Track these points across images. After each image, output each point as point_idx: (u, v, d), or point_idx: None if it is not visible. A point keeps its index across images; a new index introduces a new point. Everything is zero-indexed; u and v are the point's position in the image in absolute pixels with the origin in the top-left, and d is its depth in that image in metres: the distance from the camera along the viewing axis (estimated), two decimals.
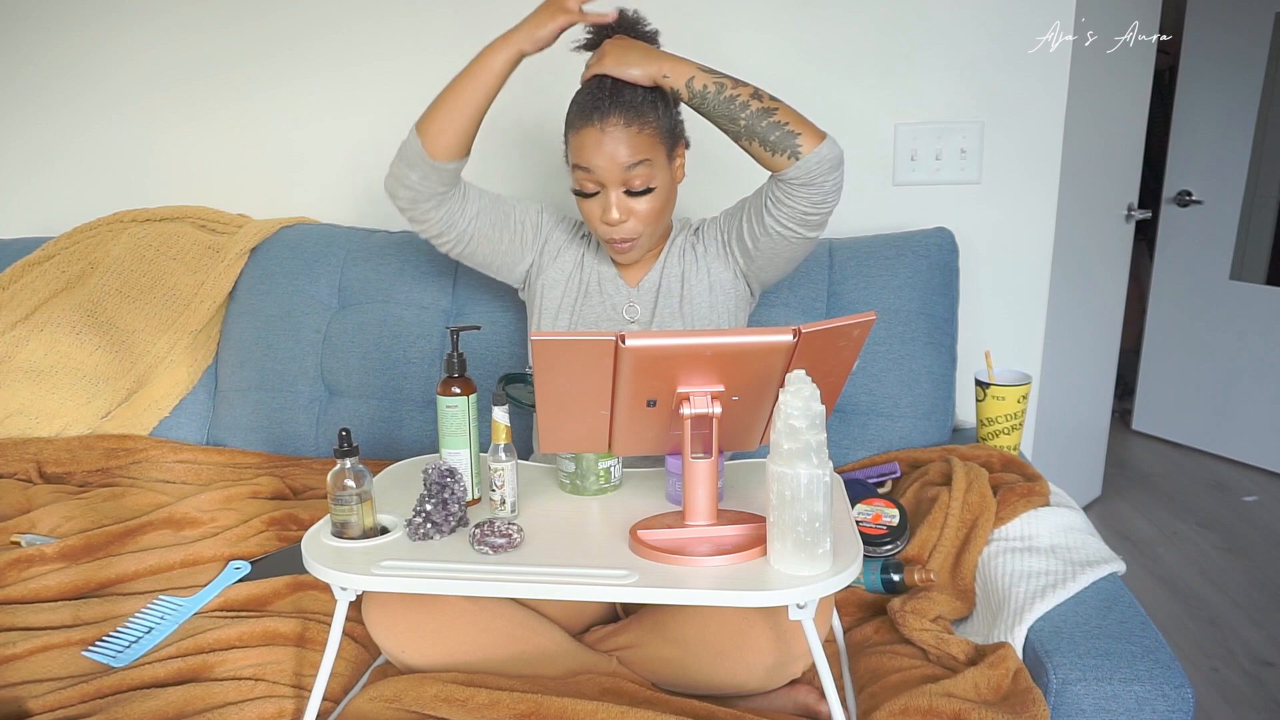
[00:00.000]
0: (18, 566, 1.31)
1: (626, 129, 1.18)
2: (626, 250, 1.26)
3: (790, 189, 1.18)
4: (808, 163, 1.15)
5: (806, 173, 1.16)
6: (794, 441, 0.84)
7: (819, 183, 1.17)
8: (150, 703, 0.99)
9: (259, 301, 1.82)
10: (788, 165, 1.16)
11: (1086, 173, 2.09)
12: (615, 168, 1.19)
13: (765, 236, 1.25)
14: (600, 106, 1.18)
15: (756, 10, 1.79)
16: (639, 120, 1.18)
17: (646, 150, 1.20)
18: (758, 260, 1.29)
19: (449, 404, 1.08)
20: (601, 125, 1.18)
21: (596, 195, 1.23)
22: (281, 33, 1.98)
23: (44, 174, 2.16)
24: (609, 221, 1.22)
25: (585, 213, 1.26)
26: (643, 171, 1.20)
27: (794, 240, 1.24)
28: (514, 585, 0.90)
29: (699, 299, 1.32)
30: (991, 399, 1.47)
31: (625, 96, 1.18)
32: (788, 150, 1.15)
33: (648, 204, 1.23)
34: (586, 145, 1.19)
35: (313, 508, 1.51)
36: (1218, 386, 3.04)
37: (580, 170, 1.22)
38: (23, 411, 1.76)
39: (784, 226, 1.22)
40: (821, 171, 1.16)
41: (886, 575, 1.21)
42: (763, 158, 1.18)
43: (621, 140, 1.18)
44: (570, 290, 1.36)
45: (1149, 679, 0.95)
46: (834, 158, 1.17)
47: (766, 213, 1.22)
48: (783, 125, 1.16)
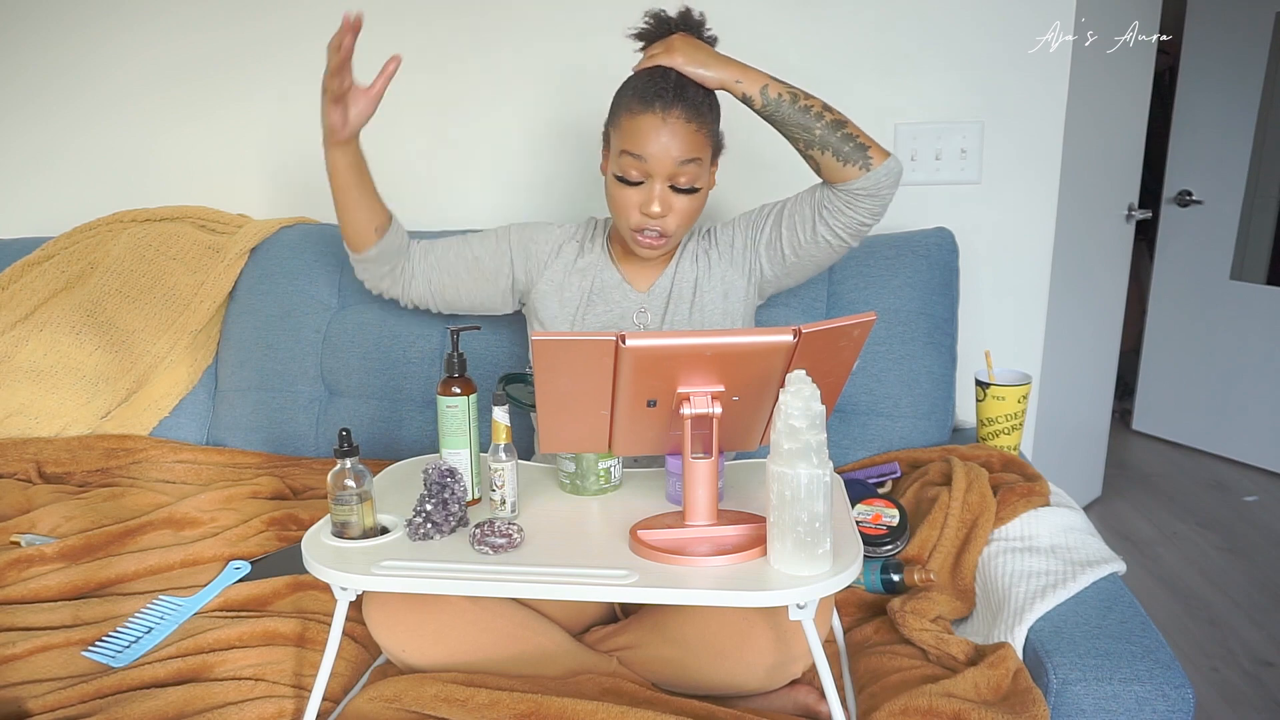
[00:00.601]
0: (18, 566, 1.31)
1: (687, 125, 1.19)
2: (657, 244, 1.26)
3: (854, 199, 1.22)
4: (877, 174, 1.20)
5: (875, 184, 1.21)
6: (794, 441, 0.84)
7: (883, 194, 1.23)
8: (150, 703, 0.99)
9: (259, 301, 1.82)
10: (857, 176, 1.21)
11: (1086, 173, 2.09)
12: (669, 160, 1.19)
13: (813, 245, 1.28)
14: (664, 96, 1.18)
15: (756, 10, 1.79)
16: (699, 119, 1.20)
17: (699, 150, 1.21)
18: (792, 269, 1.32)
19: (449, 404, 1.08)
20: (664, 115, 1.18)
21: (639, 185, 1.22)
22: (281, 33, 1.98)
23: (44, 174, 2.16)
24: (650, 213, 1.22)
25: (621, 200, 1.24)
26: (692, 170, 1.21)
27: (838, 249, 1.29)
28: (514, 585, 0.90)
29: (713, 305, 1.32)
30: (991, 399, 1.47)
31: (690, 93, 1.19)
32: (859, 162, 1.20)
33: (688, 204, 1.24)
34: (643, 131, 1.19)
35: (313, 508, 1.51)
36: (1218, 386, 3.04)
37: (629, 156, 1.20)
38: (23, 411, 1.76)
39: (837, 236, 1.26)
40: (888, 184, 1.22)
41: (886, 575, 1.21)
42: (831, 167, 1.21)
43: (680, 134, 1.19)
44: (570, 299, 1.35)
45: (1149, 679, 0.95)
46: (898, 171, 1.23)
47: (820, 221, 1.25)
48: (854, 138, 1.21)
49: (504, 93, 1.91)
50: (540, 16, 1.87)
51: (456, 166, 1.98)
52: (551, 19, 1.87)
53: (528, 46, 1.88)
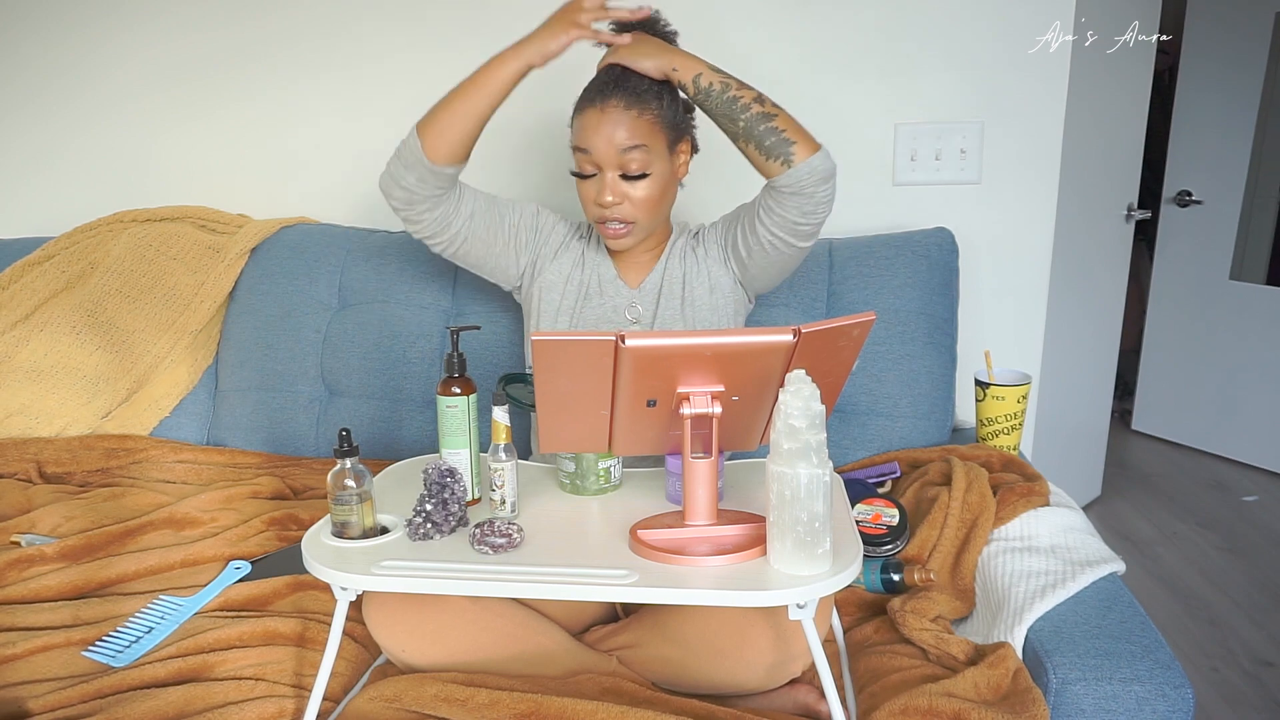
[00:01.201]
0: (18, 566, 1.31)
1: (626, 112, 1.20)
2: (620, 235, 1.27)
3: (781, 197, 1.20)
4: (798, 171, 1.17)
5: (797, 181, 1.17)
6: (794, 441, 0.84)
7: (809, 192, 1.18)
8: (150, 703, 0.99)
9: (259, 301, 1.82)
10: (780, 171, 1.18)
11: (1086, 173, 2.09)
12: (611, 149, 1.21)
13: (758, 246, 1.27)
14: (604, 89, 1.21)
15: (757, 10, 1.79)
16: (639, 105, 1.21)
17: (644, 136, 1.22)
18: (751, 270, 1.31)
19: (449, 404, 1.08)
20: (602, 107, 1.21)
21: (594, 177, 1.25)
22: (282, 33, 1.98)
23: (44, 174, 2.16)
24: (602, 203, 1.24)
25: (582, 195, 1.28)
26: (639, 156, 1.22)
27: (785, 251, 1.26)
28: (514, 585, 0.90)
29: (701, 301, 1.32)
30: (991, 399, 1.47)
31: (630, 84, 1.21)
32: (781, 156, 1.17)
33: (643, 190, 1.24)
34: (586, 126, 1.22)
35: (313, 508, 1.51)
36: (1218, 386, 3.04)
37: (579, 152, 1.24)
38: (23, 411, 1.76)
39: (774, 236, 1.24)
40: (812, 182, 1.17)
41: (886, 575, 1.21)
42: (757, 161, 1.20)
43: (620, 123, 1.20)
44: (570, 292, 1.36)
45: (1149, 679, 0.95)
46: (825, 170, 1.18)
47: (759, 221, 1.24)
48: (779, 131, 1.17)
49: None
50: (540, 17, 1.86)
51: None
52: (539, 14, 1.86)
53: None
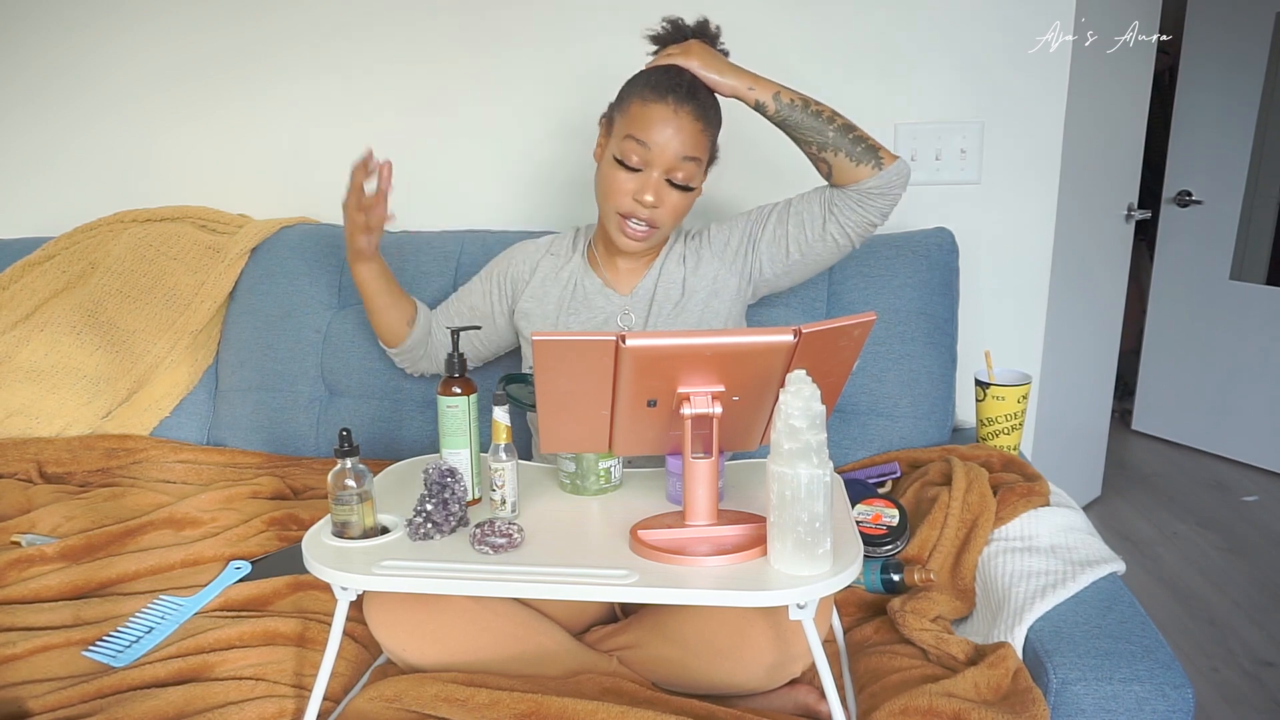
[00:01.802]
0: (18, 566, 1.31)
1: (695, 123, 1.22)
2: (641, 237, 1.28)
3: (866, 198, 1.25)
4: (888, 174, 1.24)
5: (887, 183, 1.24)
6: (794, 441, 0.84)
7: (893, 193, 1.26)
8: (150, 703, 0.99)
9: (259, 301, 1.82)
10: (870, 175, 1.24)
11: (1086, 173, 2.09)
12: (671, 152, 1.22)
13: (820, 243, 1.30)
14: (678, 91, 1.21)
15: (757, 10, 1.79)
16: (705, 120, 1.24)
17: (700, 150, 1.24)
18: (793, 268, 1.34)
19: (449, 404, 1.08)
20: (676, 108, 1.21)
21: (637, 172, 1.24)
22: (282, 33, 1.98)
23: (44, 174, 2.16)
24: (643, 201, 1.24)
25: (615, 184, 1.25)
26: (690, 168, 1.24)
27: (843, 249, 1.31)
28: (514, 585, 0.90)
29: (698, 304, 1.33)
30: (991, 399, 1.47)
31: (702, 96, 1.24)
32: (872, 162, 1.24)
33: (680, 201, 1.26)
34: (653, 120, 1.21)
35: (313, 508, 1.51)
36: (1218, 386, 3.05)
37: (634, 141, 1.22)
38: (23, 411, 1.76)
39: (845, 234, 1.29)
40: (898, 183, 1.26)
41: (886, 575, 1.21)
42: (843, 168, 1.24)
43: (687, 130, 1.22)
44: (549, 311, 1.38)
45: (1149, 679, 0.95)
46: (908, 172, 1.27)
47: (830, 219, 1.28)
48: (864, 141, 1.25)
49: (505, 92, 1.91)
50: (543, 17, 1.87)
51: (456, 165, 1.98)
52: (554, 20, 1.87)
53: (530, 46, 1.88)
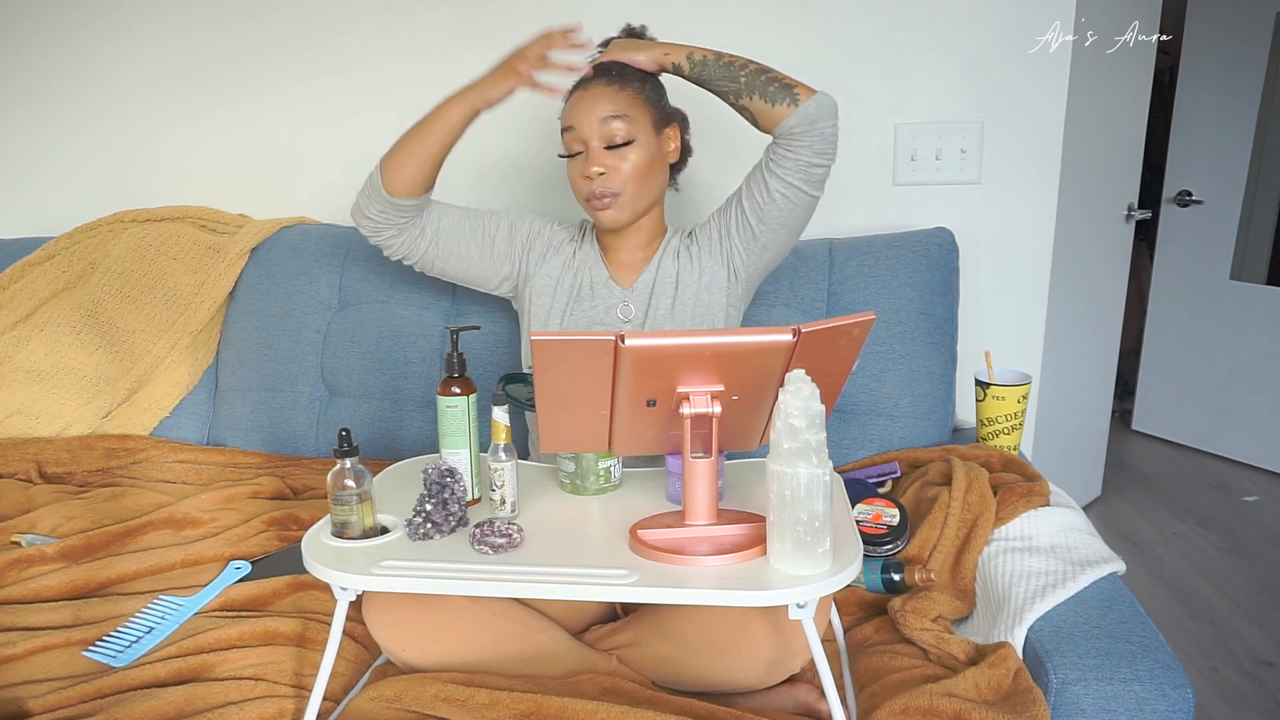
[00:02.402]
0: (18, 566, 1.31)
1: (608, 87, 1.27)
2: (606, 207, 1.29)
3: (793, 140, 1.24)
4: (807, 108, 1.22)
5: (807, 118, 1.22)
6: (794, 441, 0.84)
7: (819, 129, 1.23)
8: (150, 703, 0.99)
9: (259, 301, 1.82)
10: (788, 114, 1.23)
11: (1086, 173, 2.09)
12: (593, 120, 1.26)
13: (770, 203, 1.28)
14: (590, 78, 1.29)
15: (757, 10, 1.79)
16: (620, 81, 1.28)
17: (625, 107, 1.27)
18: (762, 238, 1.32)
19: (449, 404, 1.08)
20: (586, 87, 1.28)
21: (579, 155, 1.29)
22: (282, 33, 1.98)
23: (44, 174, 2.16)
24: (588, 175, 1.28)
25: (571, 175, 1.32)
26: (621, 127, 1.27)
27: (797, 203, 1.28)
28: (514, 585, 0.90)
29: (688, 297, 1.34)
30: (991, 399, 1.47)
31: (613, 70, 1.29)
32: (786, 99, 1.23)
33: (629, 161, 1.28)
34: (571, 106, 1.29)
35: (313, 508, 1.51)
36: (1218, 386, 3.04)
37: (566, 131, 1.29)
38: (23, 411, 1.76)
39: (789, 184, 1.26)
40: (821, 116, 1.22)
41: (887, 575, 1.21)
42: (762, 111, 1.25)
43: (602, 96, 1.27)
44: (560, 295, 1.37)
45: (1149, 679, 0.95)
46: (830, 104, 1.23)
47: (771, 175, 1.27)
48: (779, 80, 1.24)
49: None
50: (541, 17, 1.87)
51: (456, 164, 1.96)
52: (552, 20, 1.87)
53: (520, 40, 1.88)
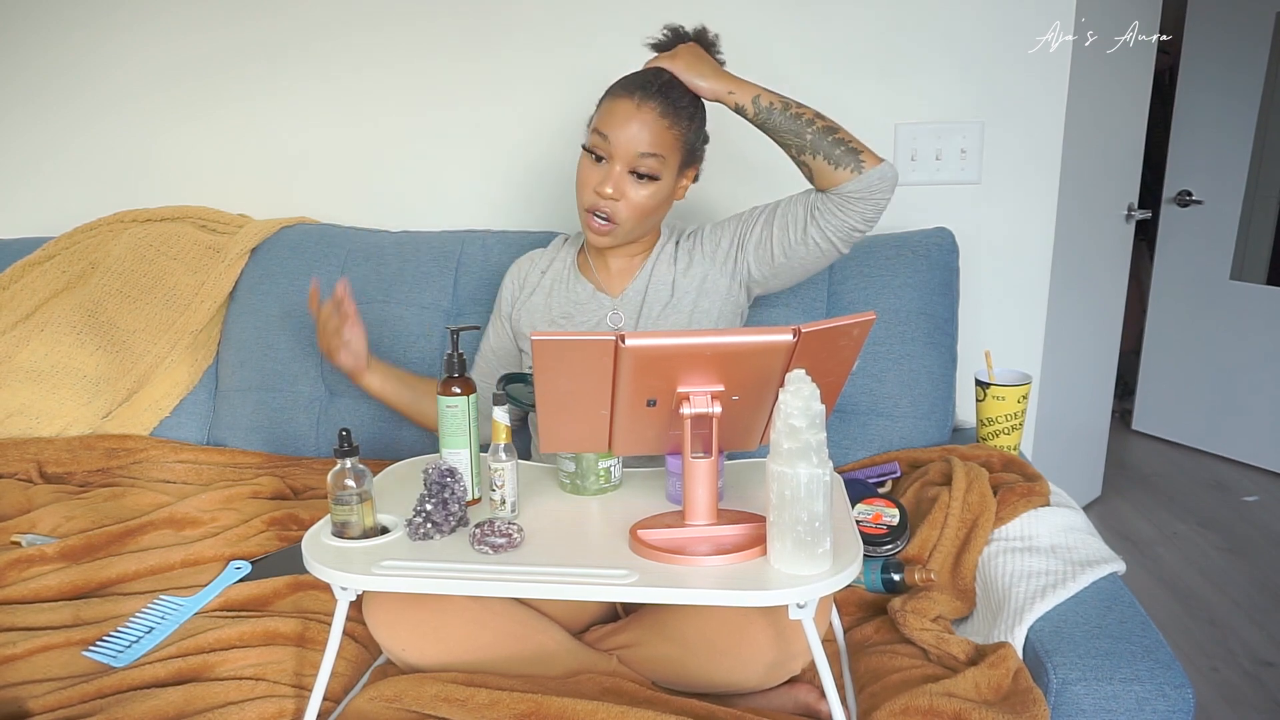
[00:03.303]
0: (18, 566, 1.31)
1: (660, 119, 1.22)
2: (603, 232, 1.27)
3: (846, 202, 1.22)
4: (869, 177, 1.20)
5: (867, 187, 1.20)
6: (794, 441, 0.84)
7: (876, 199, 1.22)
8: (150, 703, 0.99)
9: (259, 301, 1.82)
10: (849, 179, 1.20)
11: (1086, 173, 2.09)
12: (631, 147, 1.22)
13: (802, 246, 1.27)
14: (647, 88, 1.22)
15: (757, 10, 1.79)
16: (673, 117, 1.23)
17: (665, 148, 1.23)
18: (780, 271, 1.32)
19: (449, 404, 1.08)
20: (639, 103, 1.21)
21: (601, 164, 1.25)
22: (282, 33, 1.98)
23: (44, 174, 2.16)
24: (602, 193, 1.24)
25: (583, 175, 1.27)
26: (653, 164, 1.23)
27: (826, 253, 1.28)
28: (514, 585, 0.90)
29: (684, 303, 1.33)
30: (991, 399, 1.47)
31: (673, 95, 1.23)
32: (851, 165, 1.20)
33: (644, 196, 1.25)
34: (616, 114, 1.22)
35: (313, 508, 1.51)
36: (1218, 386, 3.04)
37: (598, 135, 1.24)
38: (23, 411, 1.76)
39: (827, 239, 1.26)
40: (880, 188, 1.21)
41: (887, 575, 1.21)
42: (823, 171, 1.22)
43: (650, 126, 1.21)
44: (539, 323, 1.38)
45: (1149, 679, 0.95)
46: (893, 176, 1.22)
47: (812, 223, 1.25)
48: (845, 143, 1.21)
49: (505, 91, 1.92)
50: (541, 19, 1.87)
51: (456, 164, 1.98)
52: (553, 20, 1.87)
53: (530, 46, 1.88)
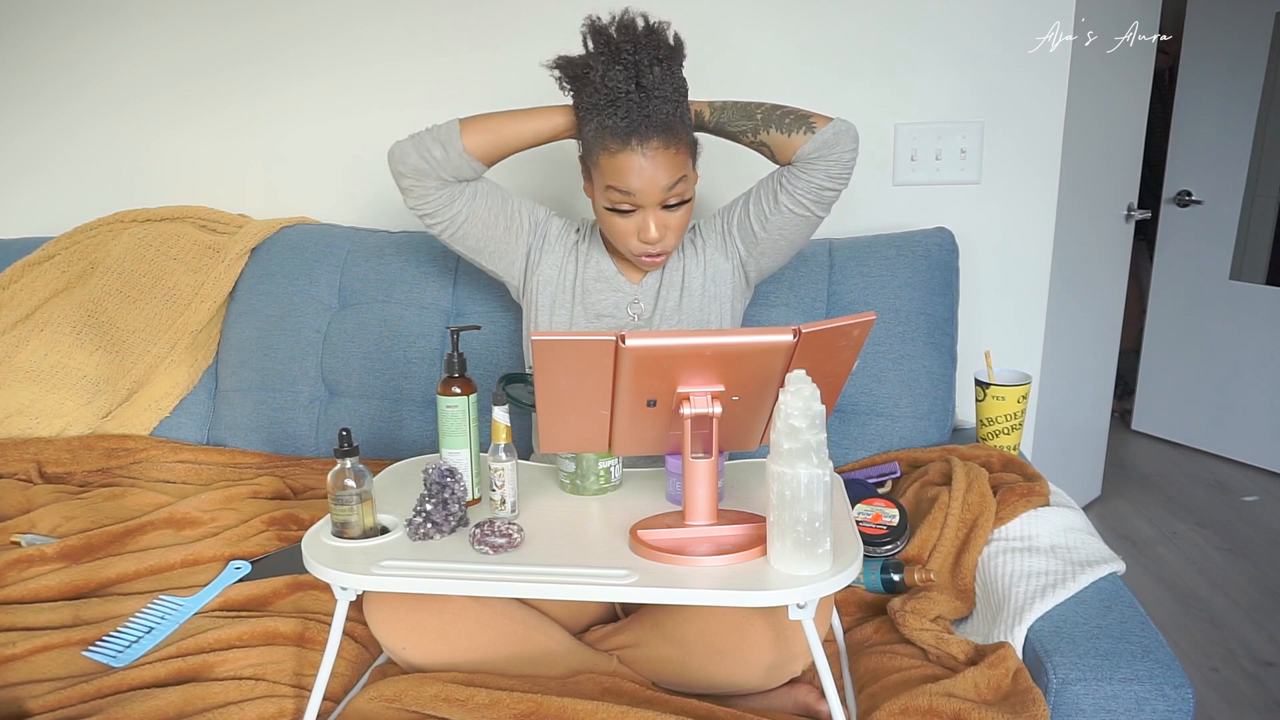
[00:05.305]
0: (18, 566, 1.31)
1: (666, 150, 1.17)
2: (657, 264, 1.28)
3: (809, 164, 1.23)
4: (823, 134, 1.21)
5: (824, 143, 1.21)
6: (794, 441, 0.84)
7: (836, 153, 1.22)
8: (150, 703, 0.99)
9: (259, 301, 1.82)
10: (804, 140, 1.21)
11: (1086, 173, 2.09)
12: (657, 190, 1.19)
13: (777, 214, 1.28)
14: (639, 130, 1.15)
15: (757, 10, 1.79)
16: (675, 139, 1.18)
17: (682, 168, 1.20)
18: (763, 244, 1.31)
19: (449, 404, 1.08)
20: (643, 149, 1.16)
21: (632, 213, 1.22)
22: (282, 33, 1.98)
23: (44, 174, 2.16)
24: (649, 240, 1.22)
25: (617, 229, 1.24)
26: (680, 188, 1.21)
27: (804, 218, 1.28)
28: (514, 585, 0.90)
29: (695, 289, 1.34)
30: (991, 399, 1.47)
31: (660, 117, 1.16)
32: (803, 128, 1.22)
33: (682, 216, 1.24)
34: (627, 170, 1.17)
35: (313, 508, 1.51)
36: (1218, 386, 3.04)
37: (617, 192, 1.19)
38: (23, 411, 1.76)
39: (799, 204, 1.26)
40: (839, 141, 1.21)
41: (886, 575, 1.21)
42: (780, 143, 1.24)
43: (663, 162, 1.17)
44: (565, 284, 1.35)
45: (1149, 679, 0.95)
46: (849, 130, 1.22)
47: (783, 191, 1.26)
48: (794, 111, 1.24)
49: (504, 89, 1.91)
50: (539, 13, 1.87)
51: None
52: (550, 16, 1.87)
53: (527, 41, 1.88)
